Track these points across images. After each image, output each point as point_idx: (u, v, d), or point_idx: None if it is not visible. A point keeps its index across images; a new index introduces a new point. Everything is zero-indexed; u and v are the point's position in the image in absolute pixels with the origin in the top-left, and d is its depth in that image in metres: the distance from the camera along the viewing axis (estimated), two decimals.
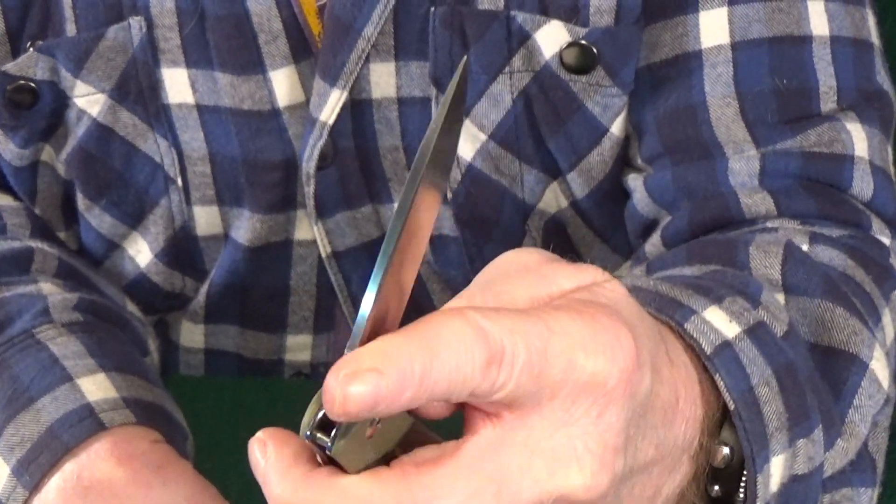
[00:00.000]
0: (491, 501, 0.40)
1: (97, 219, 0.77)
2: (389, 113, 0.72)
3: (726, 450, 0.50)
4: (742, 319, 0.52)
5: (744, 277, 0.57)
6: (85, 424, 0.62)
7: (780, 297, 0.58)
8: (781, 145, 0.69)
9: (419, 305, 0.79)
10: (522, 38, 0.70)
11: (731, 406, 0.48)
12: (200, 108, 0.73)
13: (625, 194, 0.75)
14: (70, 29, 0.73)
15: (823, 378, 0.56)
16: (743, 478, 0.51)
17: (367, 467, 0.42)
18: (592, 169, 0.73)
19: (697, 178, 0.70)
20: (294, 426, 0.76)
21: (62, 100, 0.74)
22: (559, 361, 0.40)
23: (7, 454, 0.62)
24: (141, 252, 0.79)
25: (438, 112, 0.42)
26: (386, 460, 0.42)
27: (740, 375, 0.50)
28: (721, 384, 0.48)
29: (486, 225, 0.75)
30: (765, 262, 0.59)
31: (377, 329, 0.41)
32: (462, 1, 0.70)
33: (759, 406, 0.50)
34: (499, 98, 0.71)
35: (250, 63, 0.72)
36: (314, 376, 0.82)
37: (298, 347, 0.82)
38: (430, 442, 0.43)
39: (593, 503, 0.42)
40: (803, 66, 0.70)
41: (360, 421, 0.41)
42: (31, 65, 0.73)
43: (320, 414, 0.41)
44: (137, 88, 0.73)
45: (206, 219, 0.76)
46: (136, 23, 0.72)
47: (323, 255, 0.77)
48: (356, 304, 0.78)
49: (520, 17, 0.70)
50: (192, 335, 0.83)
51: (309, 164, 0.72)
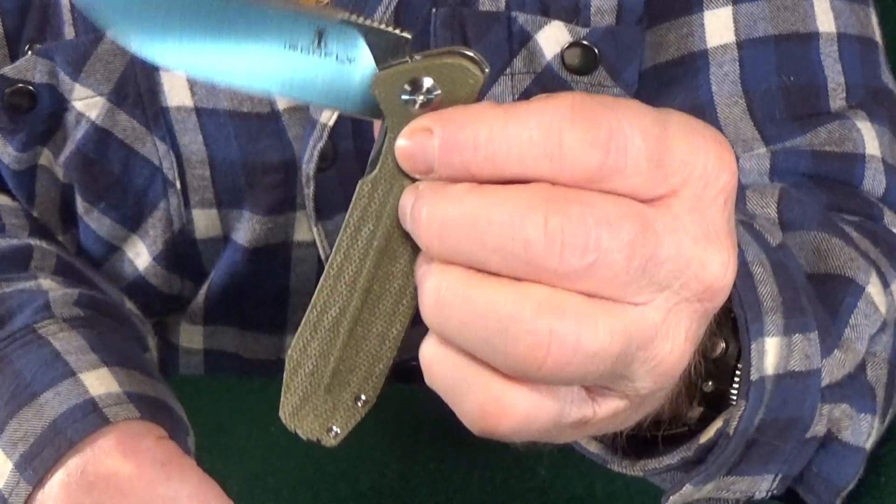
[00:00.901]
0: (637, 232, 0.38)
1: (96, 222, 0.77)
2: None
3: (722, 343, 0.50)
4: (736, 212, 0.52)
5: (740, 207, 0.57)
6: (89, 419, 0.62)
7: (777, 232, 0.58)
8: (791, 142, 0.69)
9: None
10: (524, 39, 0.70)
11: None
12: (199, 111, 0.73)
13: None
14: (68, 32, 0.73)
15: (820, 300, 0.56)
16: (737, 371, 0.51)
17: None
18: None
19: None
20: None
21: (61, 103, 0.74)
22: (680, 148, 0.39)
23: (10, 449, 0.62)
24: (140, 255, 0.78)
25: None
26: None
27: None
28: None
29: None
30: (761, 203, 0.60)
31: None
32: (463, 2, 0.70)
33: (754, 281, 0.50)
34: (500, 99, 0.71)
35: None
36: None
37: None
38: None
39: (722, 291, 0.40)
40: (811, 64, 0.70)
41: None
42: (30, 68, 0.73)
43: None
44: (136, 91, 0.73)
45: (206, 222, 0.76)
46: None
47: (322, 257, 0.77)
48: None
49: (521, 18, 0.70)
50: (192, 336, 0.83)
51: (309, 166, 0.72)
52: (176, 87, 0.73)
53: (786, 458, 0.54)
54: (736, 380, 0.51)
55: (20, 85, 0.73)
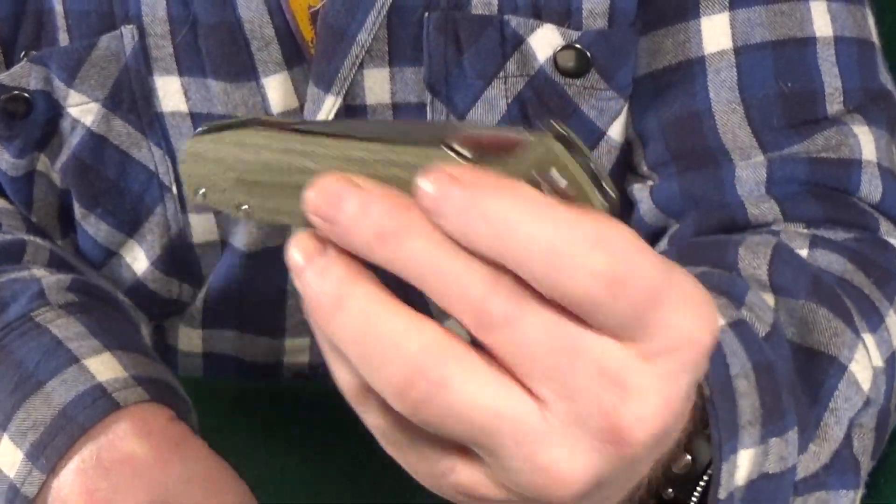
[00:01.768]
0: (558, 322, 0.37)
1: (93, 227, 0.77)
2: (384, 118, 0.72)
3: (688, 457, 0.50)
4: (725, 314, 0.52)
5: (730, 278, 0.57)
6: (99, 405, 0.62)
7: (770, 298, 0.58)
8: (788, 150, 0.69)
9: (416, 310, 0.79)
10: (516, 43, 0.70)
11: (706, 392, 0.48)
12: (194, 116, 0.73)
13: (625, 202, 0.74)
14: (63, 38, 0.73)
15: (803, 379, 0.55)
16: (700, 482, 0.50)
17: None
18: None
19: (704, 187, 0.70)
20: (296, 426, 0.76)
21: (56, 109, 0.74)
22: (669, 315, 0.38)
23: (19, 439, 0.62)
24: (138, 259, 0.79)
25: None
26: None
27: (720, 365, 0.49)
28: None
29: None
30: (753, 263, 0.59)
31: None
32: (456, 6, 0.70)
33: (735, 397, 0.49)
34: (493, 103, 0.71)
35: (243, 70, 0.71)
36: (314, 377, 0.82)
37: (297, 350, 0.82)
38: None
39: (631, 445, 0.38)
40: (808, 69, 0.70)
41: None
42: (25, 75, 0.73)
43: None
44: (131, 97, 0.73)
45: (202, 226, 0.76)
46: (129, 31, 0.72)
47: None
48: None
49: (513, 22, 0.70)
50: (190, 340, 0.83)
51: None
52: (170, 93, 0.73)
53: None
54: (698, 489, 0.50)
55: (16, 92, 0.73)
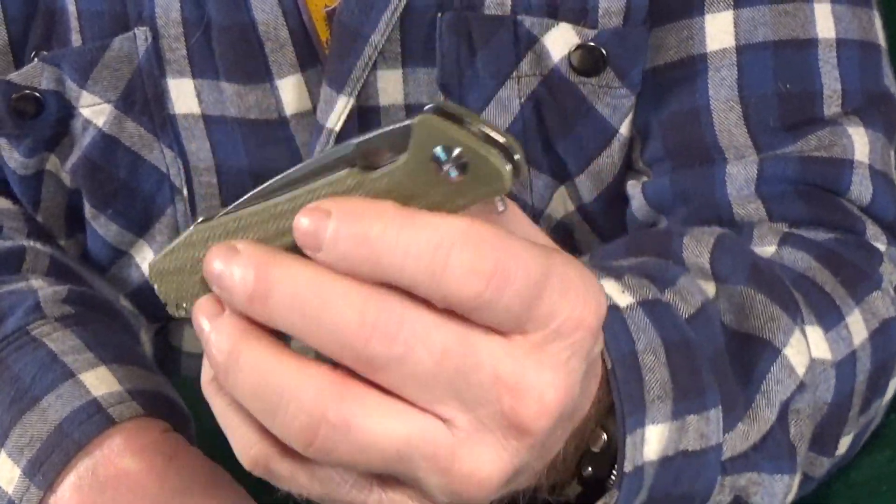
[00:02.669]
0: (453, 343, 0.39)
1: (103, 227, 0.77)
2: (397, 120, 0.72)
3: (605, 435, 0.51)
4: (638, 293, 0.52)
5: (663, 265, 0.57)
6: (94, 420, 0.62)
7: (710, 285, 0.58)
8: (782, 150, 0.69)
9: None
10: (530, 42, 0.70)
11: (609, 365, 0.49)
12: (206, 119, 0.73)
13: (621, 198, 0.75)
14: (75, 39, 0.73)
15: (737, 362, 0.56)
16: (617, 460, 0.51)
17: None
18: (602, 171, 0.73)
19: (695, 185, 0.70)
20: None
21: (67, 110, 0.74)
22: (552, 298, 0.40)
23: (17, 455, 0.61)
24: (146, 259, 0.78)
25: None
26: None
27: (624, 338, 0.50)
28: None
29: None
30: (696, 251, 0.60)
31: None
32: (469, 6, 0.70)
33: (641, 371, 0.50)
34: (507, 103, 0.71)
35: (257, 72, 0.71)
36: None
37: (302, 352, 0.81)
38: None
39: (533, 434, 0.41)
40: (808, 71, 0.70)
41: None
42: (37, 74, 0.73)
43: None
44: (143, 99, 0.73)
45: None
46: (142, 33, 0.71)
47: None
48: None
49: (527, 22, 0.70)
50: (195, 340, 0.82)
51: None
52: (183, 95, 0.73)
53: None
54: (616, 467, 0.51)
55: (27, 91, 0.73)
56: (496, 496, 0.42)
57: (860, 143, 0.70)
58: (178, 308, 0.45)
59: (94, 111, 0.73)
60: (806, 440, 0.58)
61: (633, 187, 0.73)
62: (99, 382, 0.64)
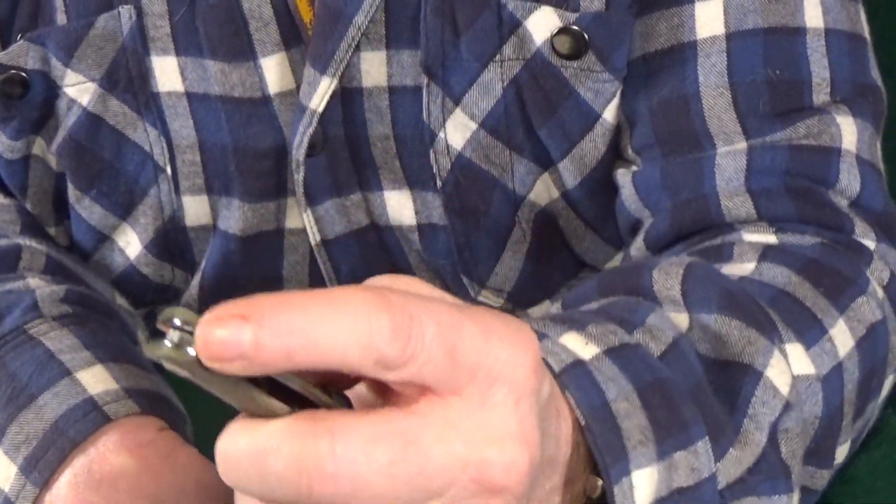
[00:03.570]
0: (397, 451, 0.39)
1: (87, 210, 0.77)
2: (380, 101, 0.72)
3: (600, 482, 0.50)
4: (603, 341, 0.52)
5: (632, 304, 0.57)
6: (90, 418, 0.62)
7: (683, 316, 0.58)
8: (771, 137, 0.69)
9: None
10: (513, 26, 0.70)
11: (582, 421, 0.48)
12: (190, 96, 0.73)
13: (610, 187, 0.75)
14: (60, 18, 0.73)
15: (720, 391, 0.56)
16: None
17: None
18: (585, 156, 0.73)
19: (684, 175, 0.70)
20: None
21: (53, 89, 0.74)
22: (473, 342, 0.40)
23: (13, 453, 0.62)
24: (130, 243, 0.78)
25: None
26: None
27: (593, 391, 0.49)
28: (571, 400, 0.48)
29: (476, 214, 0.75)
30: (666, 284, 0.59)
31: None
32: None
33: (616, 420, 0.49)
34: (489, 86, 0.71)
35: (241, 50, 0.71)
36: None
37: None
38: None
39: (511, 489, 0.41)
40: (797, 58, 0.70)
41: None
42: (22, 54, 0.73)
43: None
44: (127, 77, 0.73)
45: (196, 209, 0.76)
46: (126, 11, 0.72)
47: (312, 244, 0.76)
48: None
49: (511, 5, 0.70)
50: None
51: (298, 152, 0.72)
52: (167, 73, 0.73)
53: None
54: None
55: (13, 72, 0.73)
56: None
57: (848, 132, 0.70)
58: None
59: (79, 90, 0.73)
60: (799, 458, 0.58)
61: (623, 176, 0.73)
62: (95, 381, 0.64)
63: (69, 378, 0.64)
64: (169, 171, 0.75)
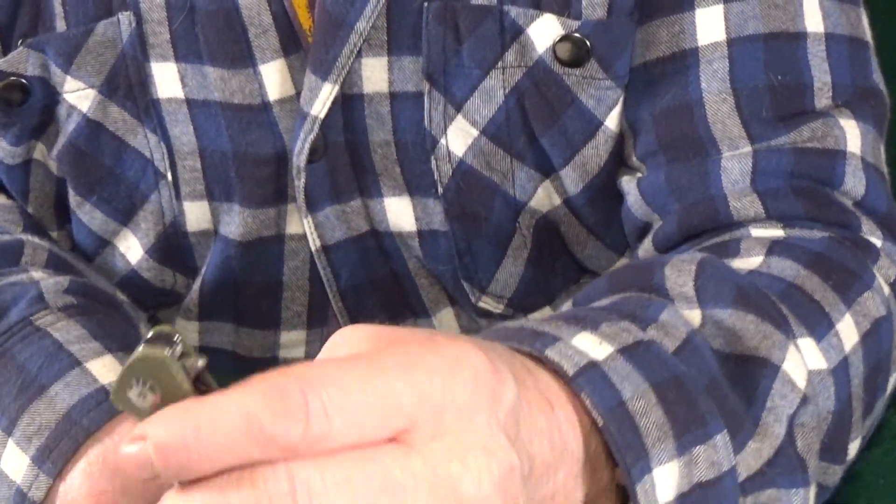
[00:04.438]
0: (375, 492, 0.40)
1: (88, 215, 0.77)
2: (381, 108, 0.72)
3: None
4: (617, 340, 0.52)
5: (645, 301, 0.57)
6: (103, 407, 0.61)
7: (696, 313, 0.58)
8: (776, 142, 0.69)
9: (408, 302, 0.79)
10: (515, 33, 0.70)
11: (600, 422, 0.48)
12: (190, 103, 0.73)
13: (618, 191, 0.74)
14: (60, 25, 0.73)
15: (737, 385, 0.56)
16: None
17: None
18: (587, 163, 0.73)
19: (690, 179, 0.70)
20: None
21: (53, 96, 0.74)
22: (401, 385, 0.40)
23: (25, 444, 0.61)
24: (131, 249, 0.78)
25: None
26: None
27: (608, 391, 0.49)
28: (587, 402, 0.48)
29: (476, 221, 0.75)
30: (678, 281, 0.59)
31: None
32: None
33: (634, 419, 0.49)
34: (491, 93, 0.71)
35: (240, 57, 0.71)
36: None
37: (293, 343, 0.82)
38: None
39: (491, 499, 0.41)
40: (798, 63, 0.70)
41: None
42: (22, 61, 0.73)
43: None
44: (127, 84, 0.73)
45: (196, 214, 0.76)
46: (126, 18, 0.72)
47: (312, 249, 0.76)
48: (346, 300, 0.78)
49: (513, 12, 0.70)
50: (187, 333, 0.82)
51: (299, 158, 0.72)
52: (167, 79, 0.73)
53: None
54: None
55: (13, 78, 0.73)
56: None
57: (852, 135, 0.70)
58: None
59: (79, 96, 0.73)
60: (814, 452, 0.58)
61: (628, 183, 0.73)
62: (106, 371, 0.63)
63: (79, 368, 0.63)
64: (169, 178, 0.75)
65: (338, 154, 0.73)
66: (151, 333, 0.41)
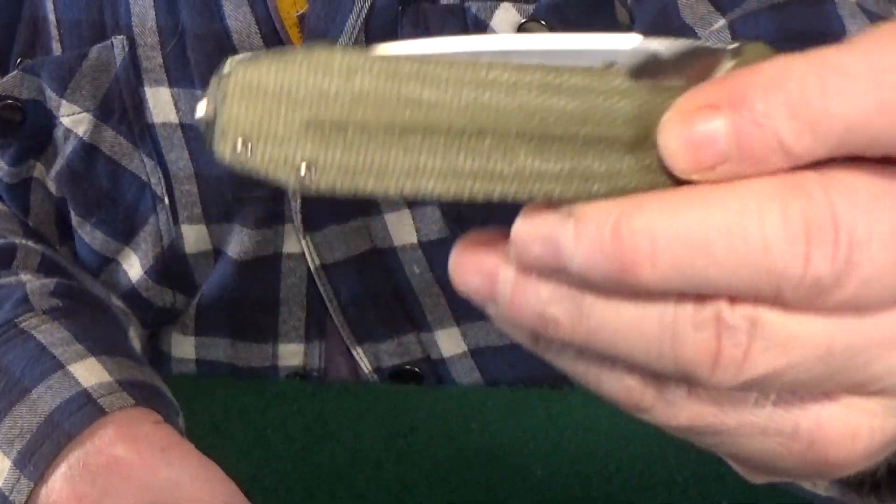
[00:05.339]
0: None
1: (88, 235, 0.77)
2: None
3: None
4: None
5: None
6: (85, 411, 0.62)
7: None
8: (747, 5, 0.66)
9: (412, 317, 0.79)
10: (480, 27, 0.71)
11: None
12: (184, 127, 0.73)
13: None
14: (56, 48, 0.73)
15: None
16: None
17: None
18: None
19: None
20: (291, 425, 0.76)
21: (49, 119, 0.74)
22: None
23: (7, 447, 0.62)
24: (133, 267, 0.79)
25: None
26: None
27: None
28: None
29: (475, 222, 0.75)
30: None
31: None
32: None
33: None
34: None
35: None
36: (309, 378, 0.82)
37: (290, 355, 0.82)
38: None
39: None
40: None
41: None
42: (17, 84, 0.73)
43: None
44: (121, 108, 0.73)
45: (195, 237, 0.76)
46: (119, 42, 0.72)
47: (311, 268, 0.77)
48: (347, 314, 0.78)
49: (474, 7, 0.70)
50: (183, 347, 0.83)
51: None
52: (161, 104, 0.73)
53: None
54: None
55: (10, 101, 0.73)
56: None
57: None
58: (235, 148, 0.30)
59: (74, 120, 0.74)
60: None
61: None
62: (88, 374, 0.64)
63: (62, 371, 0.64)
64: (167, 202, 0.75)
65: None
66: None
